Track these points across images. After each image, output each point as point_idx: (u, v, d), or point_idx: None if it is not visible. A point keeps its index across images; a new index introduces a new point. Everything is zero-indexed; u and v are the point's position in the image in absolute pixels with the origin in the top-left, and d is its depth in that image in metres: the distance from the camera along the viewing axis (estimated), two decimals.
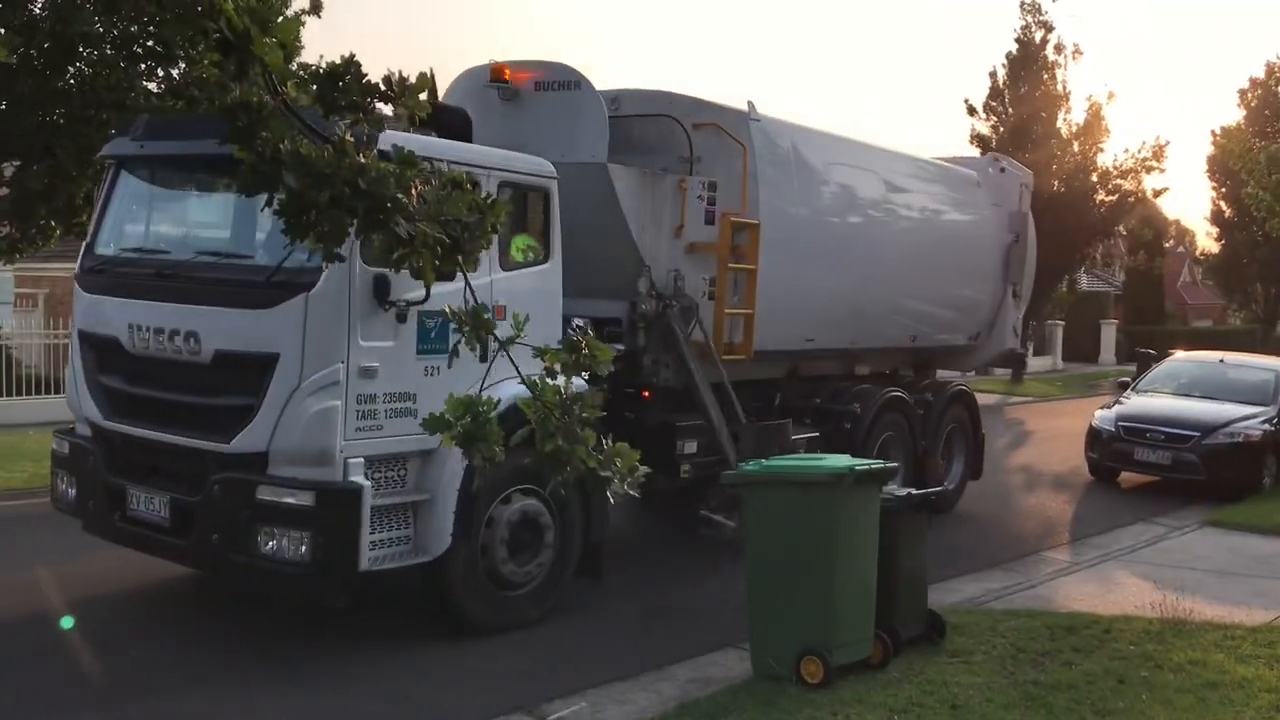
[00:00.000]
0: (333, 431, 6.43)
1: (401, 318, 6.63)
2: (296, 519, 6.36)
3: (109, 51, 13.08)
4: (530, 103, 8.79)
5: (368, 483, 6.54)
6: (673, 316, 8.69)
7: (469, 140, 7.78)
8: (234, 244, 7.32)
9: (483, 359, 7.12)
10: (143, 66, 13.55)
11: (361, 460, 6.56)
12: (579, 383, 3.49)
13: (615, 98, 9.18)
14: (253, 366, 6.55)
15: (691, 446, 8.91)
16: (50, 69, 12.71)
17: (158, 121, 7.77)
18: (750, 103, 9.41)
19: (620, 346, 8.24)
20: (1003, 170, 13.30)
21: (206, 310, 6.75)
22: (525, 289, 7.32)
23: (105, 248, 7.61)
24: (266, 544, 6.43)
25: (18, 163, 13.65)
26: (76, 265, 7.79)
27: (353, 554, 6.44)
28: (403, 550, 6.85)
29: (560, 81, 8.69)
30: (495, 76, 8.76)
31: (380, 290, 6.52)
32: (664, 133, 9.24)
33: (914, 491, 7.57)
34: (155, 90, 13.99)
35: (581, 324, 7.91)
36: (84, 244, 7.85)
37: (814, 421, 10.18)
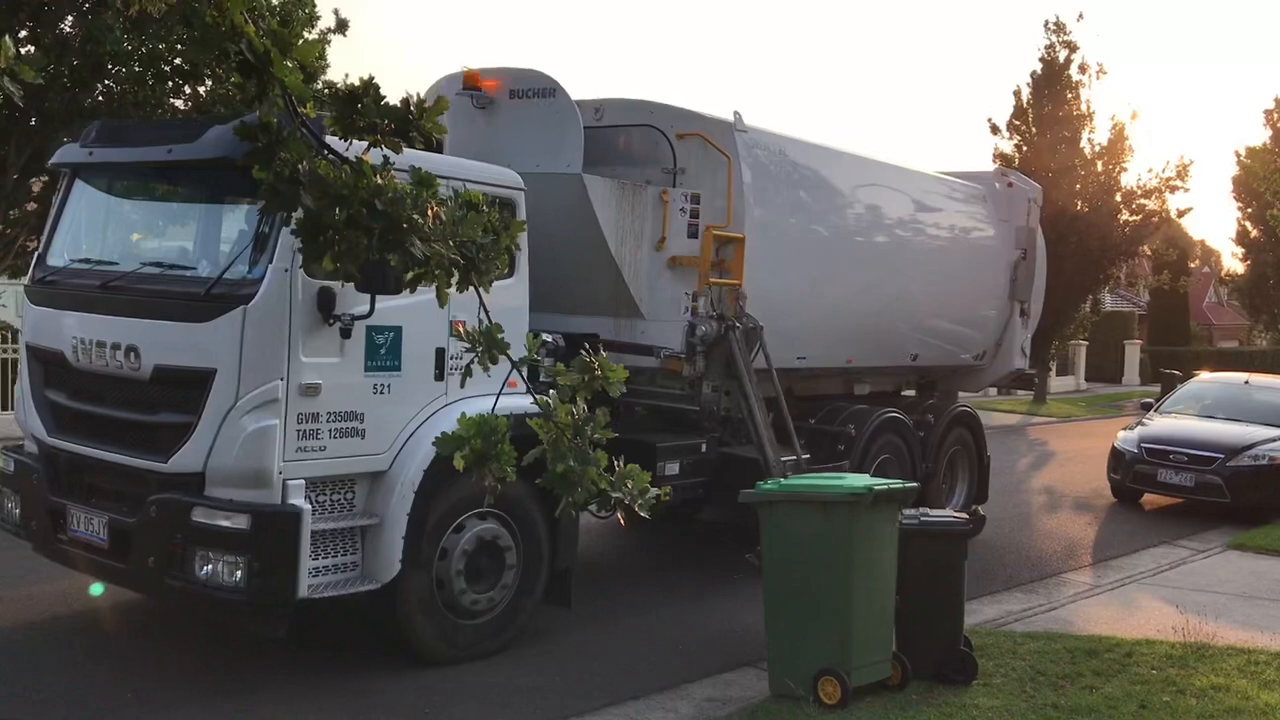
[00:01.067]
0: (270, 451, 6.17)
1: (346, 333, 6.37)
2: (232, 543, 6.11)
3: (137, 69, 13.25)
4: (504, 111, 8.63)
5: (308, 506, 6.26)
6: (735, 339, 8.39)
7: (440, 150, 7.55)
8: (177, 255, 7.20)
9: (439, 378, 7.07)
10: (170, 84, 13.71)
11: (302, 482, 6.29)
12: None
13: (598, 107, 9.07)
14: (190, 382, 6.33)
15: (674, 468, 8.67)
16: (79, 87, 12.88)
17: (108, 128, 7.56)
18: (736, 113, 9.23)
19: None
20: (1010, 185, 13.04)
21: (147, 324, 6.54)
22: (488, 305, 7.16)
23: (56, 258, 7.40)
24: (202, 568, 6.18)
25: (45, 179, 13.80)
26: (27, 277, 7.67)
27: (291, 580, 6.16)
28: (349, 577, 6.57)
29: (534, 89, 8.51)
30: (468, 84, 8.59)
31: (324, 304, 6.28)
32: (647, 143, 9.09)
33: (967, 516, 7.46)
34: (182, 107, 14.16)
35: (550, 339, 7.66)
36: (36, 254, 7.68)
37: (806, 443, 9.92)
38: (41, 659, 6.91)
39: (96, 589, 7.52)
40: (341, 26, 15.39)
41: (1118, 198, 27.91)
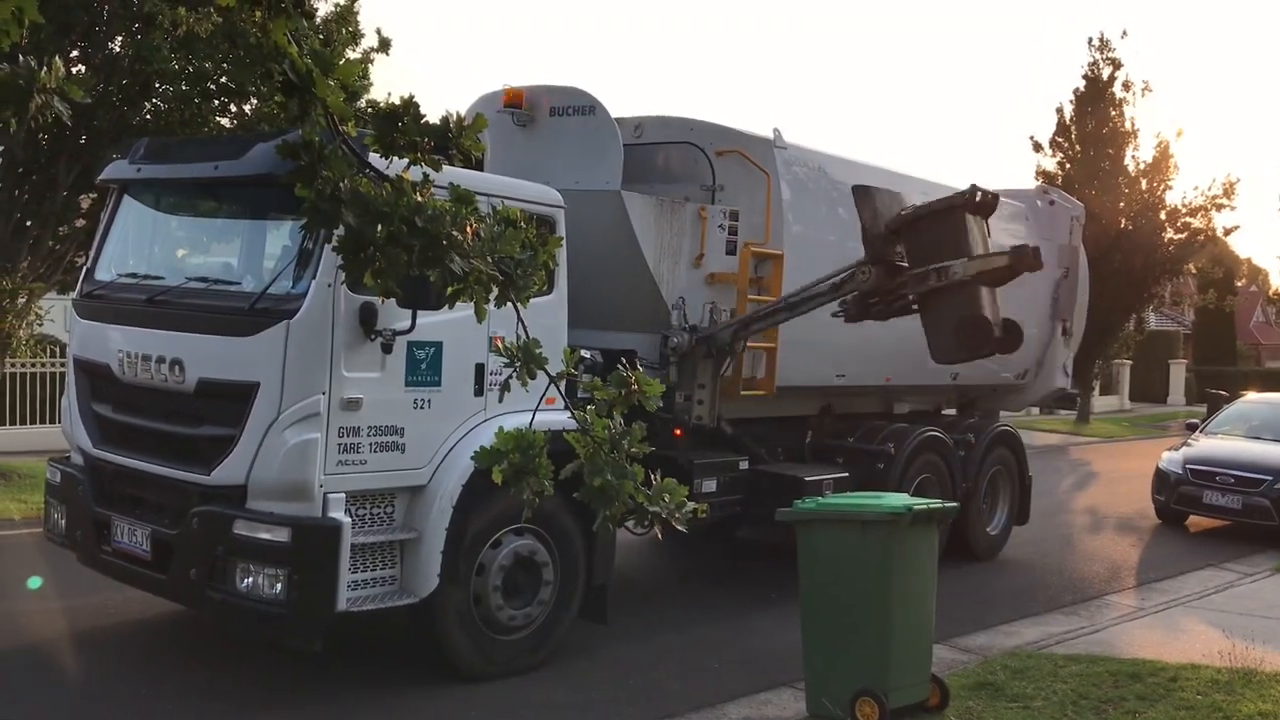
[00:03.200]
0: (311, 465, 6.22)
1: (388, 348, 6.42)
2: (272, 555, 6.16)
3: (184, 88, 13.43)
4: (545, 128, 8.69)
5: (347, 519, 6.30)
6: (701, 352, 8.43)
7: (480, 167, 7.58)
8: (222, 270, 7.28)
9: (479, 393, 7.12)
10: (216, 103, 13.88)
11: (342, 496, 6.33)
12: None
13: (638, 124, 9.14)
14: (234, 396, 6.39)
15: (710, 485, 8.70)
16: (127, 105, 13.08)
17: (156, 145, 7.68)
18: (776, 130, 9.24)
19: None
20: (1052, 203, 12.95)
21: (191, 338, 6.63)
22: (526, 321, 7.12)
23: (104, 273, 7.53)
24: (243, 581, 6.24)
25: (94, 195, 14.02)
26: (75, 291, 7.78)
27: (330, 593, 6.20)
28: (387, 591, 6.60)
29: (574, 107, 8.58)
30: (509, 101, 8.68)
31: (366, 319, 6.33)
32: (687, 160, 9.13)
33: None
34: (228, 125, 14.33)
35: (589, 356, 7.69)
36: (84, 269, 7.81)
37: (845, 462, 9.91)
38: (82, 670, 7.00)
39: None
40: (384, 45, 15.52)
41: (1162, 215, 27.61)
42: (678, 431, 8.72)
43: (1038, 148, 28.77)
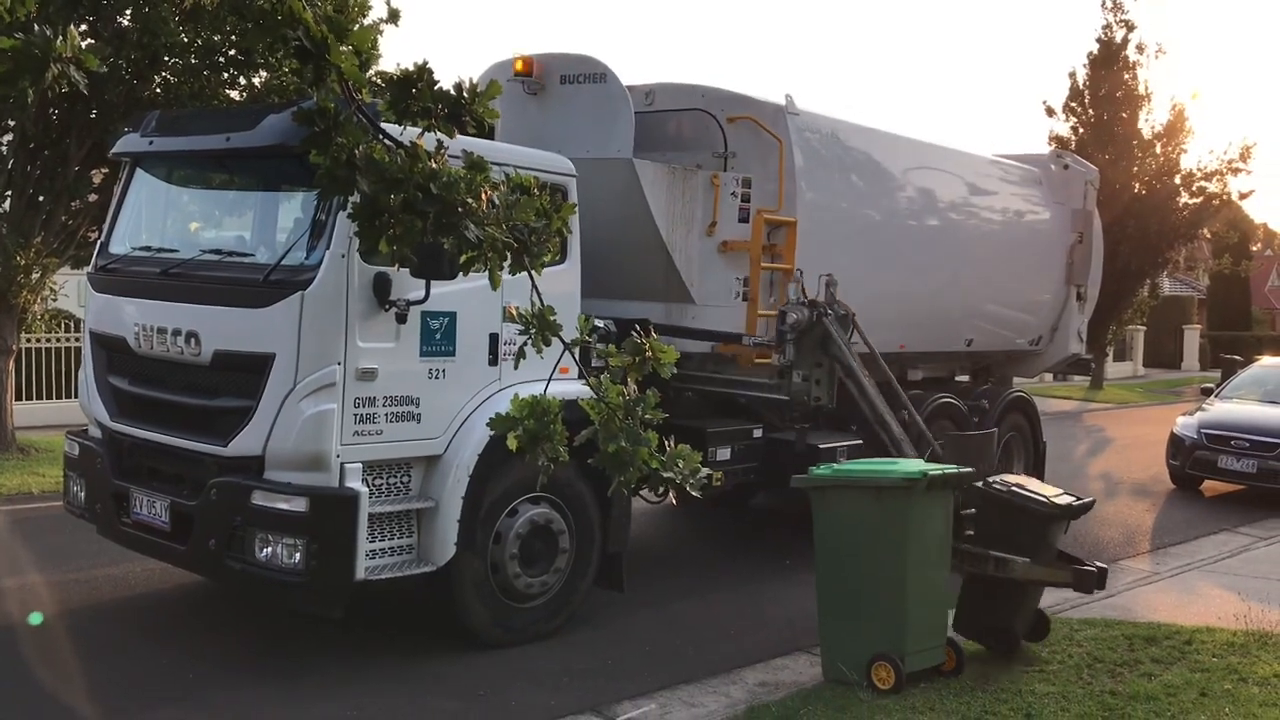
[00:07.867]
0: (328, 435, 6.25)
1: (402, 318, 6.43)
2: (290, 525, 6.19)
3: (193, 61, 13.40)
4: (555, 96, 8.64)
5: (364, 489, 6.33)
6: (829, 325, 8.31)
7: (492, 135, 7.52)
8: (236, 242, 7.28)
9: (493, 363, 7.13)
10: (225, 75, 13.85)
11: (359, 465, 6.37)
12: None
13: (649, 92, 9.08)
14: (250, 367, 6.42)
15: (725, 453, 8.70)
16: (137, 78, 13.06)
17: (168, 118, 7.66)
18: (788, 96, 9.17)
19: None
20: (1066, 167, 12.87)
21: (207, 310, 6.65)
22: (540, 289, 7.06)
23: (118, 246, 7.53)
24: (262, 550, 6.28)
25: (106, 170, 14.04)
26: (90, 265, 7.80)
27: (348, 562, 6.24)
28: (405, 560, 6.66)
29: (585, 74, 8.52)
30: (520, 70, 8.64)
31: (380, 290, 6.35)
32: (698, 128, 9.05)
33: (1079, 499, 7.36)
34: (237, 97, 14.31)
35: (602, 325, 7.63)
36: (98, 243, 7.82)
37: (859, 429, 9.86)
38: (105, 641, 7.06)
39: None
40: (394, 17, 15.46)
41: (1177, 180, 27.41)
42: (796, 415, 8.61)
43: (1050, 112, 28.53)
